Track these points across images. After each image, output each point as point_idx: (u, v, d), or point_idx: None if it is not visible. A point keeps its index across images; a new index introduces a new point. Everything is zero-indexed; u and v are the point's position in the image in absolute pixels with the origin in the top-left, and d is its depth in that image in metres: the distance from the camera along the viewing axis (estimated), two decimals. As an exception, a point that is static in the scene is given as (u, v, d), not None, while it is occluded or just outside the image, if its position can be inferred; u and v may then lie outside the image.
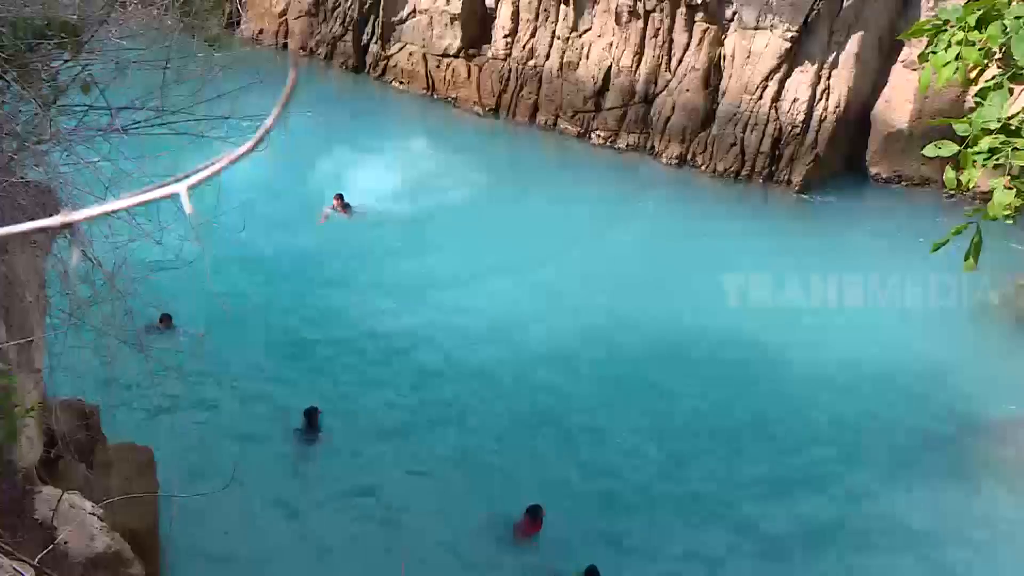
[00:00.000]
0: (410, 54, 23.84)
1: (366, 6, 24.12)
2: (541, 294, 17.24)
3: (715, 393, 15.43)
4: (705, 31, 20.86)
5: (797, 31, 19.85)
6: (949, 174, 5.25)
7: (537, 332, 16.23)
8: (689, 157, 21.39)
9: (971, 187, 5.12)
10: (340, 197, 18.93)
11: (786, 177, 20.80)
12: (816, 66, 20.26)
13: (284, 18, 25.30)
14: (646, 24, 21.21)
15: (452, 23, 23.05)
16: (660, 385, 15.55)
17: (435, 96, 23.69)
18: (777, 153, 20.79)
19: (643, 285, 17.70)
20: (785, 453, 14.44)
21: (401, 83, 24.09)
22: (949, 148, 5.18)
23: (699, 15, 20.77)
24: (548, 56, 22.49)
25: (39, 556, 4.86)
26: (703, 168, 21.21)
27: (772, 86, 20.53)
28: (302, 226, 18.48)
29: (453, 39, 23.25)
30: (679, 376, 15.71)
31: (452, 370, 15.45)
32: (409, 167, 20.75)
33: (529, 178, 21.05)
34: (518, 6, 22.48)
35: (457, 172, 20.82)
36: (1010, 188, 4.98)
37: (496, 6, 22.89)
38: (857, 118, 21.05)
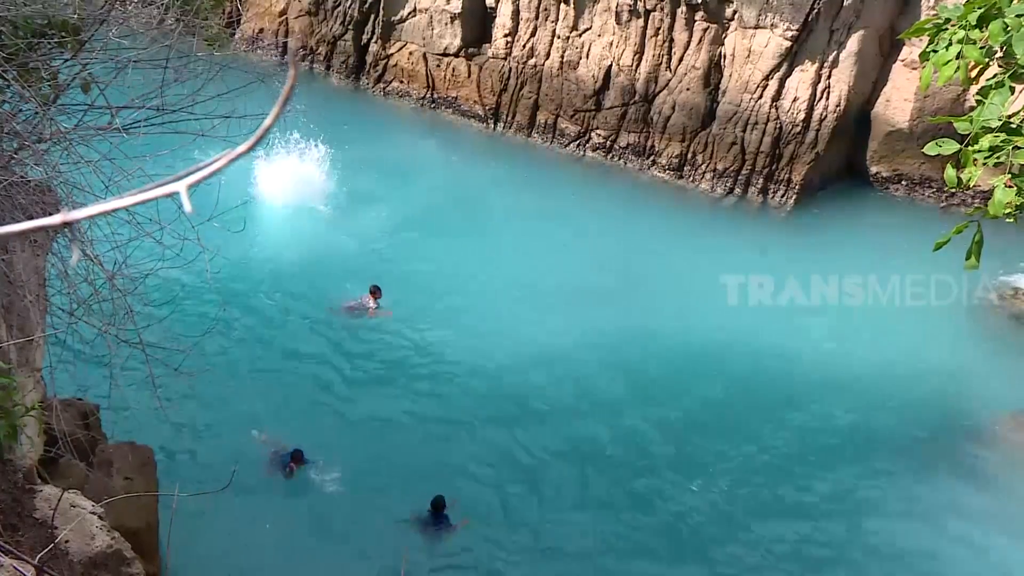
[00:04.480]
0: (410, 53, 23.82)
1: (366, 5, 24.09)
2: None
3: (709, 394, 15.43)
4: (705, 30, 20.84)
5: (797, 30, 19.83)
6: (950, 172, 5.24)
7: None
8: (689, 156, 21.37)
9: (972, 185, 5.12)
10: (375, 291, 16.00)
11: (786, 176, 20.78)
12: (816, 65, 20.24)
13: (284, 17, 25.27)
14: (646, 23, 21.19)
15: (452, 22, 23.03)
16: (661, 391, 15.55)
17: (435, 96, 23.64)
18: (777, 152, 20.76)
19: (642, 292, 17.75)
20: (783, 453, 14.43)
21: (401, 82, 24.08)
22: (950, 146, 5.18)
23: (699, 14, 20.75)
24: (548, 55, 22.48)
25: (40, 555, 4.86)
26: (703, 167, 21.18)
27: (772, 85, 20.51)
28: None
29: (453, 38, 23.24)
30: (676, 379, 15.71)
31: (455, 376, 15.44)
32: (410, 190, 20.10)
33: (528, 196, 20.44)
34: (518, 5, 22.46)
35: (458, 191, 20.47)
36: (1011, 187, 4.97)
37: (496, 5, 22.87)
38: (857, 117, 21.02)
